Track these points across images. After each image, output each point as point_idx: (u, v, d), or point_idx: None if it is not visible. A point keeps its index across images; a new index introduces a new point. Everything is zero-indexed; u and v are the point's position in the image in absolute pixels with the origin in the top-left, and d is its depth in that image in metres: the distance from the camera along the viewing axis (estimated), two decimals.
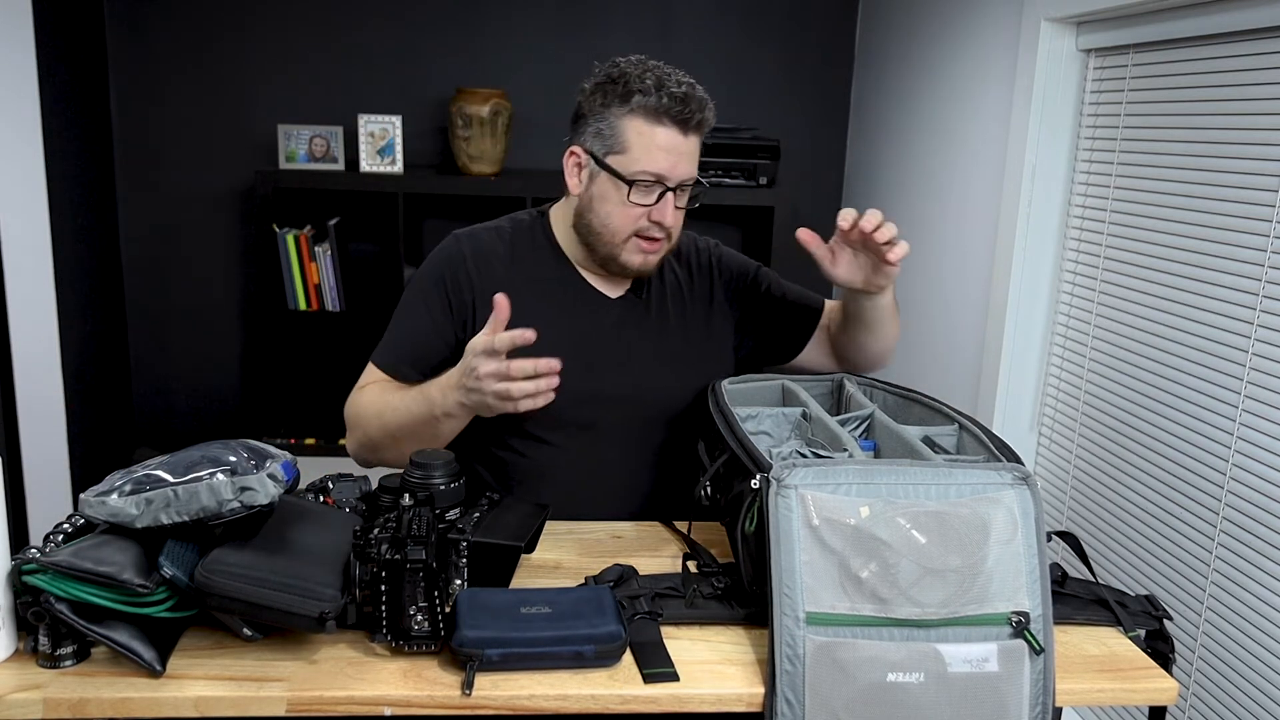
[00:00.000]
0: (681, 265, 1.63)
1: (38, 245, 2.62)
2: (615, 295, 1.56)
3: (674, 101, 1.41)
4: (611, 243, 1.48)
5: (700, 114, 1.43)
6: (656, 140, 1.42)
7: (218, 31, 3.01)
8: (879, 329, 1.52)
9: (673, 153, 1.43)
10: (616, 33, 3.13)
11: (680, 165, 1.44)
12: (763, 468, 1.12)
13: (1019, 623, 1.05)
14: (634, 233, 1.47)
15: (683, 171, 1.45)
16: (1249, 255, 1.63)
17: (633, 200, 1.44)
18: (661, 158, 1.43)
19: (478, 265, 1.53)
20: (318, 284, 2.90)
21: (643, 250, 1.48)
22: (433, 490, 1.19)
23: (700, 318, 1.61)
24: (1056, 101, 2.12)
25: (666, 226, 1.46)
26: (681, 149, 1.44)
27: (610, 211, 1.46)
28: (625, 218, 1.46)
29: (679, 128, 1.43)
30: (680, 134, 1.43)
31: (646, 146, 1.43)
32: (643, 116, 1.42)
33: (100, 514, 1.07)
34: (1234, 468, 1.64)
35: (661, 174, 1.43)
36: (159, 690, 1.02)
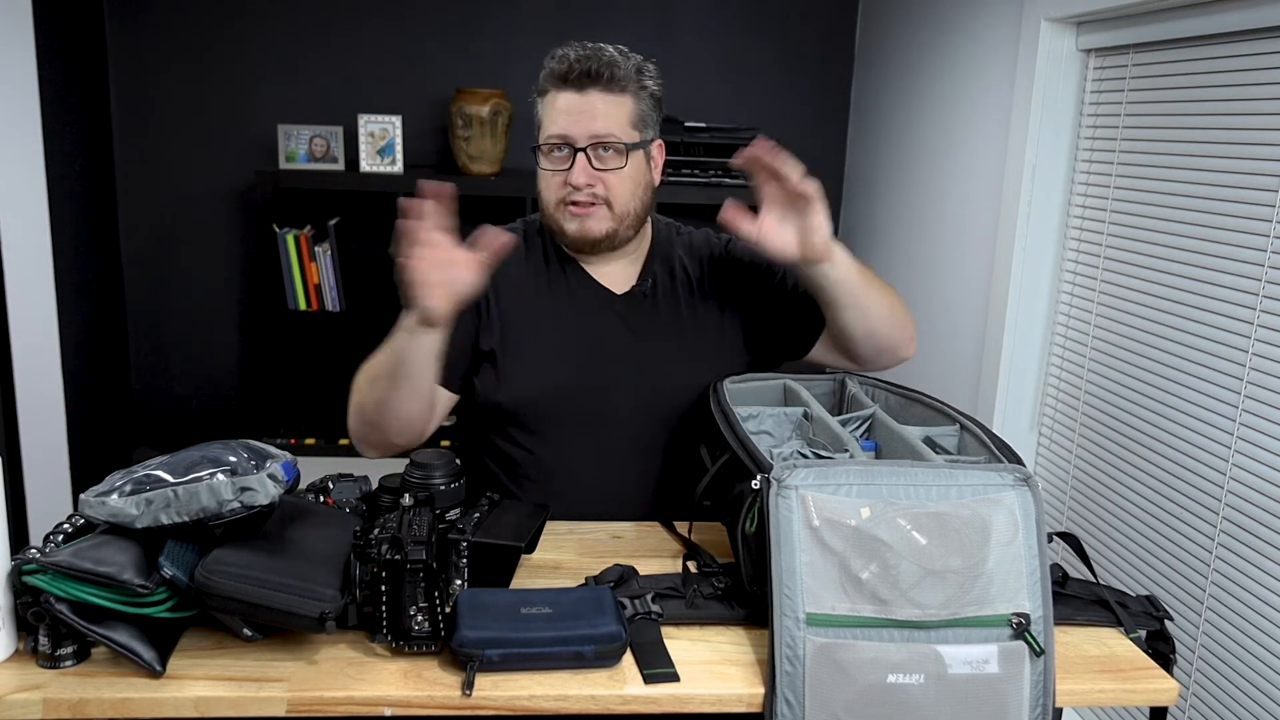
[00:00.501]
0: (693, 260, 1.62)
1: (38, 245, 2.62)
2: (621, 291, 1.56)
3: (562, 63, 1.44)
4: (550, 215, 1.51)
5: (587, 65, 1.43)
6: (555, 105, 1.46)
7: (218, 31, 3.01)
8: (853, 305, 1.43)
9: (570, 112, 1.44)
10: (616, 33, 3.13)
11: (581, 123, 1.44)
12: (763, 468, 1.12)
13: (1019, 624, 1.05)
14: (559, 200, 1.48)
15: (585, 128, 1.44)
16: (1249, 255, 1.63)
17: (544, 167, 1.47)
18: (560, 119, 1.44)
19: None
20: (318, 284, 2.90)
21: (573, 214, 1.48)
22: (433, 490, 1.19)
23: (713, 312, 1.59)
24: (1056, 101, 2.12)
25: (580, 188, 1.45)
26: (580, 107, 1.44)
27: (541, 187, 1.50)
28: (549, 188, 1.49)
29: (573, 88, 1.44)
30: (575, 93, 1.44)
31: (549, 113, 1.46)
32: (550, 87, 1.47)
33: (100, 514, 1.07)
34: (1234, 468, 1.64)
35: (562, 134, 1.44)
36: (159, 690, 1.02)
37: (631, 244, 1.56)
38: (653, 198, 1.55)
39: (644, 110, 1.49)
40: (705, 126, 2.98)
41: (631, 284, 1.56)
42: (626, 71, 1.46)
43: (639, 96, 1.48)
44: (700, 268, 1.61)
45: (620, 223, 1.50)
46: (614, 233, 1.50)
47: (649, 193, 1.53)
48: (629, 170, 1.47)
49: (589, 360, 1.52)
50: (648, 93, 1.49)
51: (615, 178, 1.47)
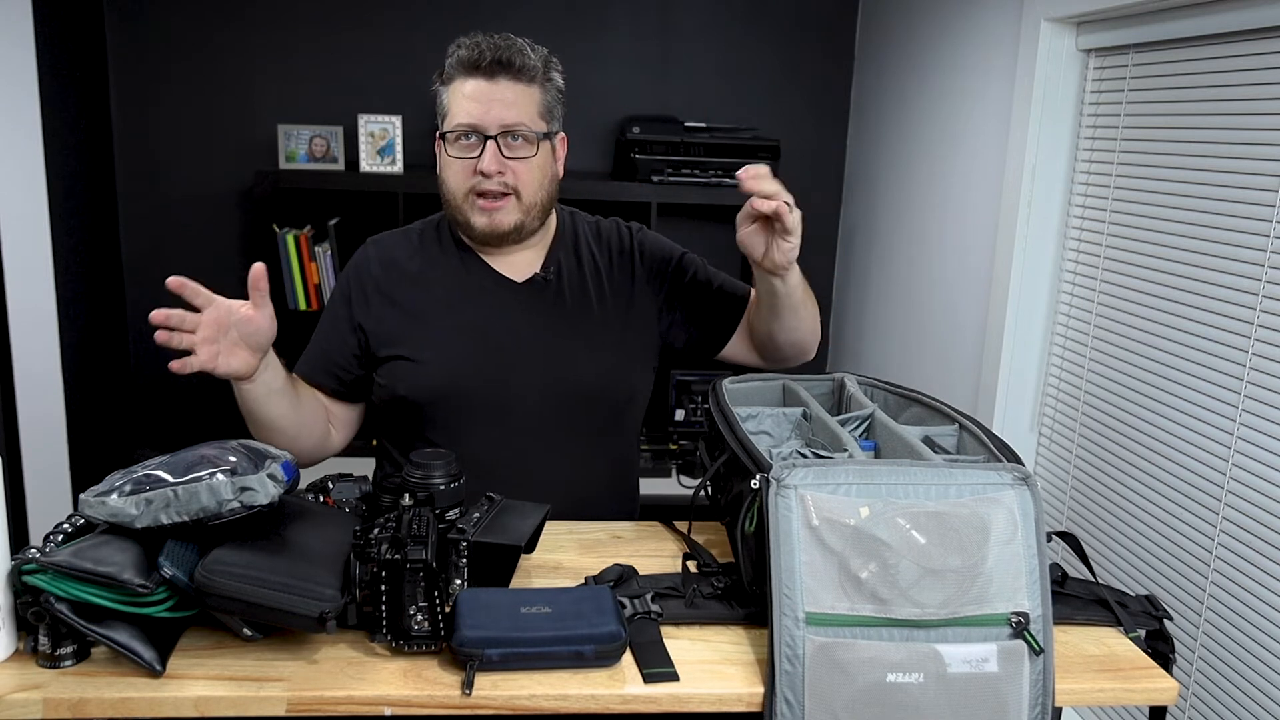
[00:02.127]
0: (602, 248, 1.61)
1: (38, 245, 2.62)
2: (522, 279, 1.55)
3: (470, 51, 1.44)
4: (456, 207, 1.50)
5: (499, 54, 1.43)
6: (462, 91, 1.45)
7: (218, 31, 3.01)
8: (788, 316, 1.49)
9: (480, 100, 1.43)
10: (616, 32, 3.13)
11: (492, 111, 1.43)
12: (762, 468, 1.12)
13: (1019, 623, 1.05)
14: (468, 190, 1.47)
15: (497, 116, 1.43)
16: (1249, 255, 1.63)
17: (451, 155, 1.46)
18: (469, 106, 1.44)
19: (383, 264, 1.56)
20: (318, 284, 2.91)
21: (482, 209, 1.48)
22: (433, 490, 1.19)
23: (622, 300, 1.58)
24: (1056, 101, 2.12)
25: (491, 175, 1.45)
26: (490, 95, 1.43)
27: (445, 177, 1.49)
28: (455, 177, 1.47)
29: (482, 75, 1.44)
30: (485, 80, 1.44)
31: (455, 101, 1.46)
32: (457, 75, 1.47)
33: (100, 514, 1.07)
34: (1234, 468, 1.64)
35: (472, 123, 1.44)
36: (159, 690, 1.02)
37: (535, 234, 1.56)
38: (556, 189, 1.56)
39: (550, 102, 1.50)
40: (705, 126, 2.98)
41: (532, 272, 1.55)
42: (535, 62, 1.47)
43: (546, 88, 1.49)
44: (609, 257, 1.61)
45: (527, 214, 1.50)
46: (521, 225, 1.50)
47: (554, 184, 1.54)
48: (538, 160, 1.48)
49: (490, 349, 1.51)
50: (554, 85, 1.51)
51: (524, 166, 1.46)
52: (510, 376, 1.50)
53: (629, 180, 2.91)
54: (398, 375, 1.51)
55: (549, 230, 1.59)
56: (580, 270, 1.58)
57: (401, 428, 1.55)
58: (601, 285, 1.58)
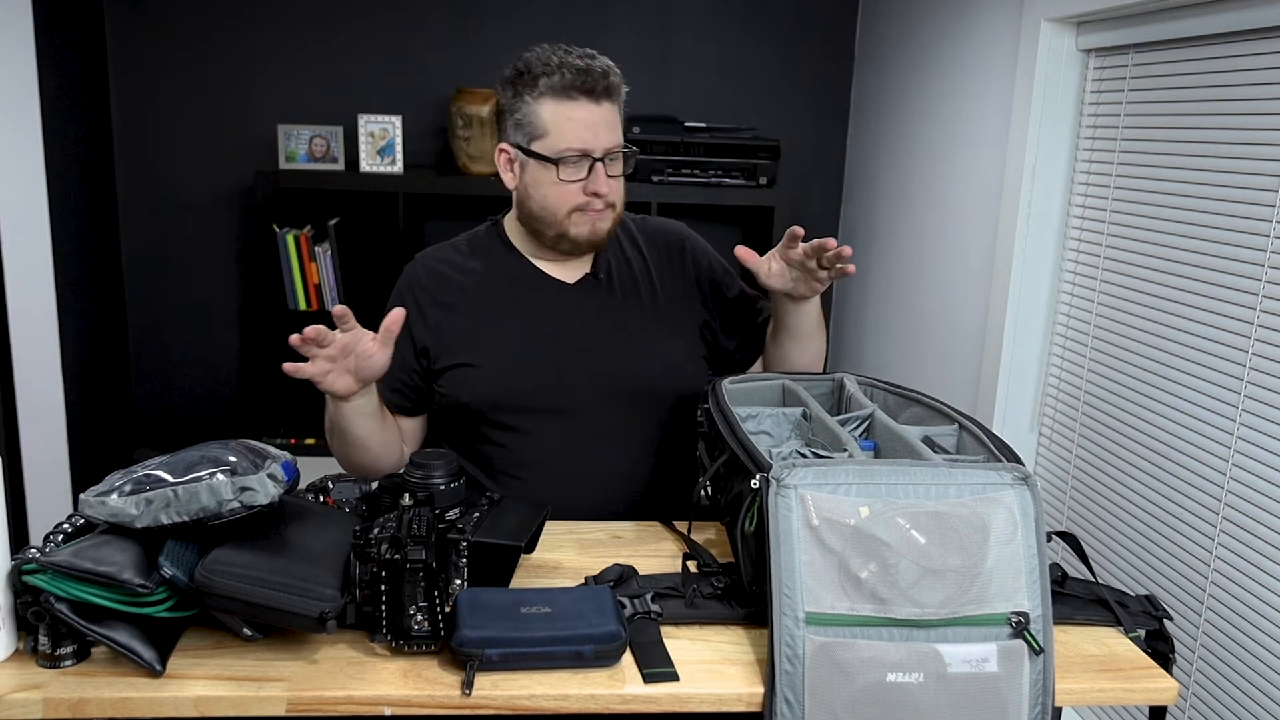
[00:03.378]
0: (650, 244, 1.65)
1: (38, 245, 2.62)
2: (573, 280, 1.58)
3: (577, 75, 1.45)
4: (555, 222, 1.52)
5: (605, 81, 1.47)
6: (571, 116, 1.46)
7: (218, 31, 3.01)
8: (804, 340, 1.58)
9: (590, 125, 1.47)
10: (616, 32, 3.13)
11: (601, 135, 1.48)
12: (762, 468, 1.12)
13: (1019, 623, 1.05)
14: (574, 208, 1.50)
15: (605, 140, 1.48)
16: (1249, 255, 1.63)
17: (563, 179, 1.48)
18: (580, 131, 1.46)
19: (434, 278, 1.59)
20: (318, 284, 2.90)
21: (589, 220, 1.51)
22: (433, 490, 1.19)
23: (673, 296, 1.62)
24: (1056, 101, 2.12)
25: (603, 196, 1.49)
26: (597, 118, 1.47)
27: (546, 194, 1.50)
28: (562, 197, 1.50)
29: (589, 98, 1.46)
30: (592, 104, 1.47)
31: (563, 124, 1.47)
32: (552, 96, 1.46)
33: (100, 514, 1.07)
34: (1234, 468, 1.64)
35: (585, 148, 1.47)
36: (159, 690, 1.02)
37: None
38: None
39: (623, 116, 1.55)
40: (705, 126, 2.97)
41: (583, 272, 1.59)
42: (621, 82, 1.52)
43: (622, 105, 1.54)
44: (659, 254, 1.65)
45: (616, 222, 1.56)
46: (612, 231, 1.56)
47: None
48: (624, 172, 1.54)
49: (547, 351, 1.54)
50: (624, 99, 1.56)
51: (619, 182, 1.53)
52: (568, 376, 1.53)
53: (629, 180, 2.90)
54: (459, 382, 1.53)
55: None
56: (629, 268, 1.62)
57: (462, 432, 1.57)
58: (651, 282, 1.62)
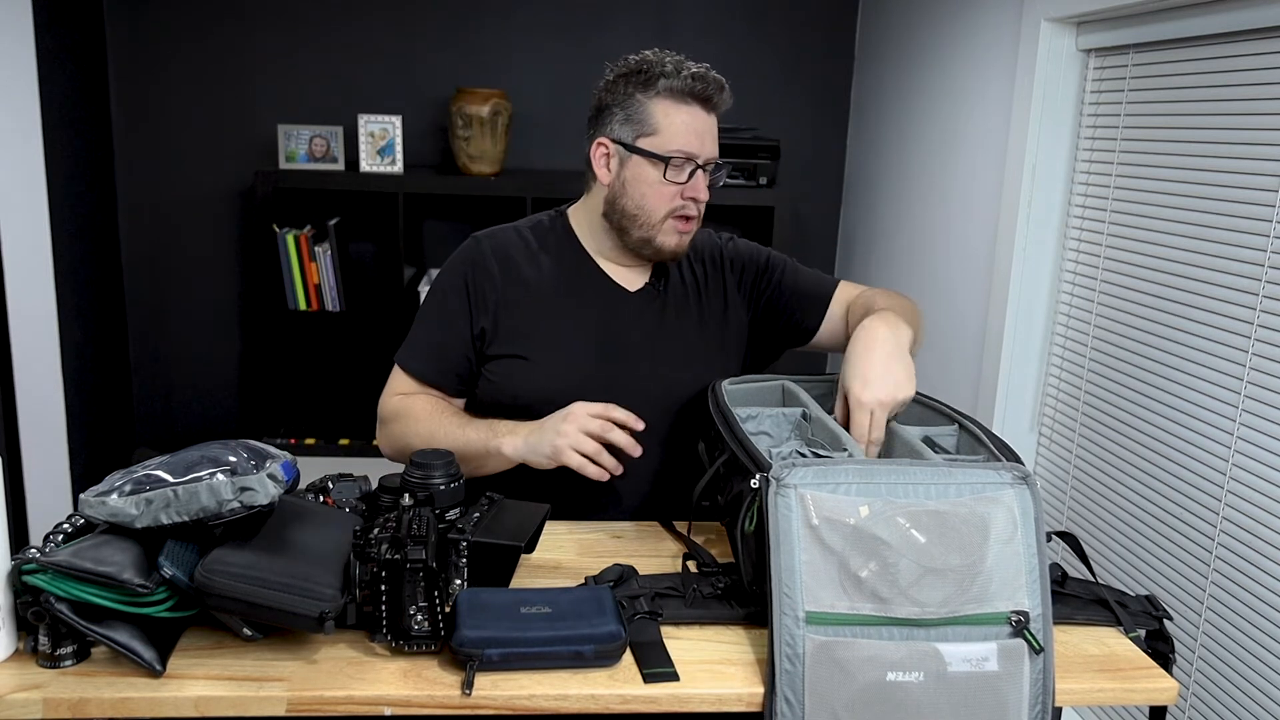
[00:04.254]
0: (698, 260, 1.65)
1: (38, 245, 2.62)
2: (635, 289, 1.59)
3: (696, 81, 1.47)
4: (648, 224, 1.52)
5: (720, 94, 1.50)
6: (684, 119, 1.48)
7: (218, 31, 3.01)
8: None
9: (700, 131, 1.49)
10: (617, 32, 3.13)
11: (707, 143, 1.50)
12: (762, 467, 1.12)
13: (1019, 622, 1.05)
14: (670, 212, 1.51)
15: (709, 149, 1.51)
16: (1249, 255, 1.63)
17: (669, 179, 1.49)
18: (691, 135, 1.48)
19: (500, 262, 1.57)
20: (318, 284, 2.91)
21: (678, 230, 1.53)
22: (433, 490, 1.19)
23: (717, 311, 1.63)
24: (1056, 101, 2.12)
25: (700, 202, 1.51)
26: (706, 127, 1.50)
27: (645, 193, 1.50)
28: (661, 197, 1.50)
29: (702, 106, 1.49)
30: (705, 112, 1.49)
31: (676, 125, 1.48)
32: (669, 98, 1.48)
33: (100, 514, 1.07)
34: (1234, 468, 1.64)
35: (692, 152, 1.49)
36: (159, 690, 1.02)
37: None
38: None
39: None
40: None
41: (644, 282, 1.60)
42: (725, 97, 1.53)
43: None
44: (705, 266, 1.65)
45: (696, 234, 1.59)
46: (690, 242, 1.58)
47: None
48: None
49: (602, 355, 1.55)
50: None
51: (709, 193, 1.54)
52: (618, 382, 1.53)
53: None
54: (511, 374, 1.53)
55: None
56: (682, 281, 1.63)
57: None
58: (700, 295, 1.63)
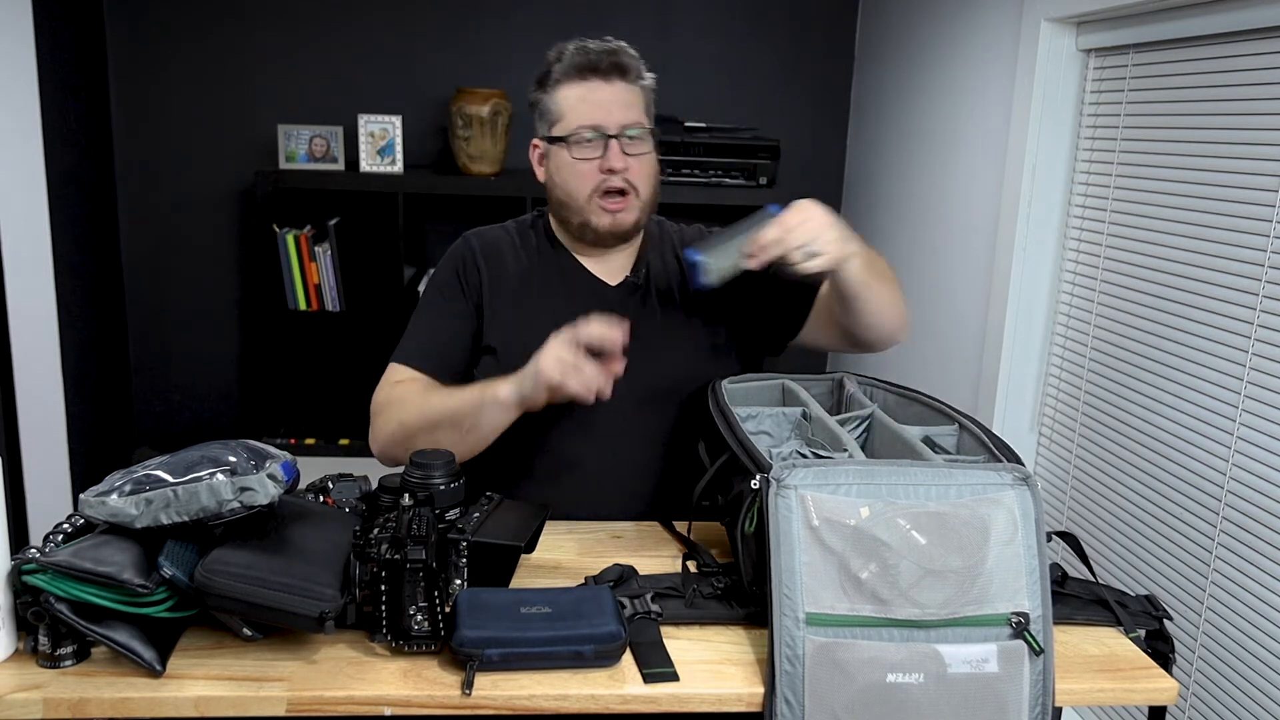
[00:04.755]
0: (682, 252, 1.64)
1: (38, 245, 2.62)
2: (615, 282, 1.58)
3: (583, 54, 1.48)
4: (577, 208, 1.51)
5: (615, 58, 1.48)
6: (579, 94, 1.48)
7: (218, 31, 3.01)
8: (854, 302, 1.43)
9: (600, 103, 1.47)
10: (616, 32, 3.11)
11: (614, 112, 1.47)
12: (763, 468, 1.12)
13: (1019, 624, 1.05)
14: (593, 191, 1.49)
15: (619, 117, 1.47)
16: (1249, 255, 1.63)
17: (577, 156, 1.48)
18: (590, 108, 1.47)
19: (487, 258, 1.58)
20: (318, 284, 2.90)
21: (606, 209, 1.50)
22: (433, 490, 1.19)
23: (703, 303, 1.61)
24: (1056, 101, 2.12)
25: (618, 172, 1.48)
26: (608, 96, 1.47)
27: (566, 178, 1.51)
28: (579, 178, 1.49)
29: (599, 77, 1.48)
30: (603, 82, 1.48)
31: (572, 103, 1.48)
32: (564, 80, 1.49)
33: (100, 514, 1.07)
34: (1234, 468, 1.64)
35: (595, 124, 1.47)
36: (159, 690, 1.02)
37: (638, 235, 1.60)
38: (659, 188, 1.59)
39: (649, 101, 1.55)
40: (705, 126, 2.97)
41: (624, 275, 1.59)
42: (638, 64, 1.52)
43: (645, 89, 1.54)
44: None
45: (644, 212, 1.54)
46: (639, 223, 1.55)
47: (659, 179, 1.58)
48: (650, 156, 1.52)
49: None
50: (650, 85, 1.55)
51: (639, 163, 1.50)
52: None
53: None
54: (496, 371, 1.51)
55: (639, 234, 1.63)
56: (666, 274, 1.61)
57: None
58: (686, 291, 1.61)
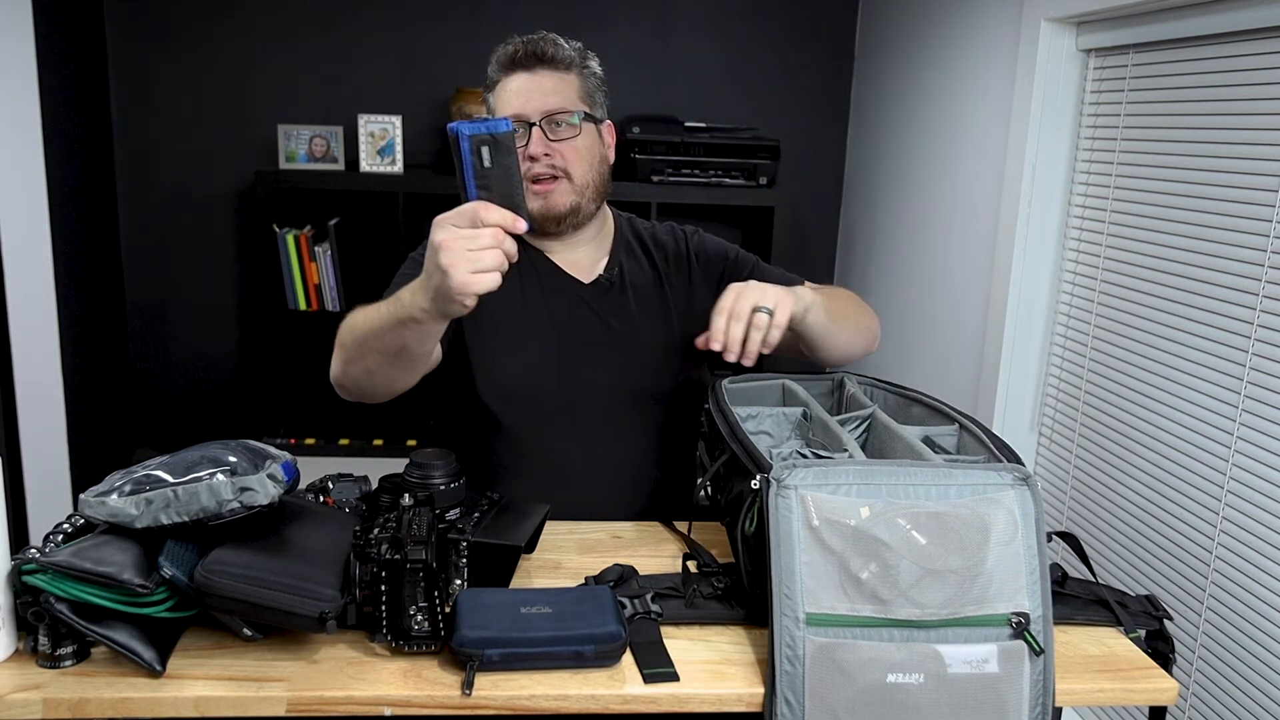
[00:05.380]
0: (660, 251, 1.64)
1: (38, 245, 2.62)
2: (589, 280, 1.58)
3: (507, 53, 1.52)
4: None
5: (534, 47, 1.50)
6: (506, 88, 1.52)
7: (218, 31, 3.01)
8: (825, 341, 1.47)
9: (521, 92, 1.50)
10: (617, 32, 3.13)
11: (533, 99, 1.49)
12: (763, 468, 1.12)
13: (1019, 624, 1.05)
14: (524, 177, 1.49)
15: (538, 104, 1.49)
16: (1249, 255, 1.63)
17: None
18: (513, 99, 1.50)
19: None
20: (318, 284, 2.90)
21: (535, 193, 1.51)
22: (433, 490, 1.19)
23: (681, 302, 1.62)
24: (1056, 101, 2.12)
25: (539, 159, 1.49)
26: (530, 86, 1.50)
27: None
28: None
29: (521, 69, 1.51)
30: (524, 73, 1.51)
31: (502, 98, 1.52)
32: (498, 81, 1.53)
33: (100, 514, 1.07)
34: (1234, 468, 1.64)
35: (516, 112, 1.48)
36: (159, 690, 1.02)
37: (593, 228, 1.59)
38: (609, 174, 1.58)
39: (591, 88, 1.55)
40: (705, 126, 2.97)
41: (598, 273, 1.59)
42: (569, 52, 1.53)
43: (584, 75, 1.54)
44: (666, 260, 1.64)
45: (581, 195, 1.53)
46: (577, 207, 1.53)
47: (605, 167, 1.57)
48: (583, 140, 1.52)
49: (561, 350, 1.54)
50: (591, 73, 1.56)
51: (570, 148, 1.51)
52: (580, 375, 1.53)
53: (629, 180, 2.91)
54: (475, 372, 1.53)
55: (607, 229, 1.63)
56: (641, 272, 1.62)
57: (475, 425, 1.55)
58: (661, 287, 1.62)
